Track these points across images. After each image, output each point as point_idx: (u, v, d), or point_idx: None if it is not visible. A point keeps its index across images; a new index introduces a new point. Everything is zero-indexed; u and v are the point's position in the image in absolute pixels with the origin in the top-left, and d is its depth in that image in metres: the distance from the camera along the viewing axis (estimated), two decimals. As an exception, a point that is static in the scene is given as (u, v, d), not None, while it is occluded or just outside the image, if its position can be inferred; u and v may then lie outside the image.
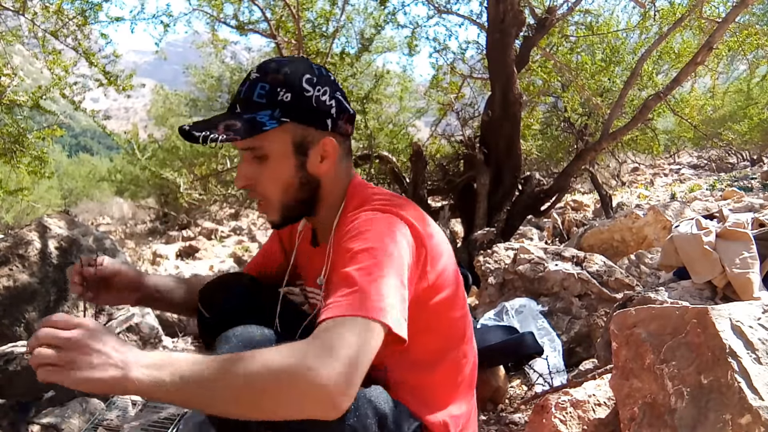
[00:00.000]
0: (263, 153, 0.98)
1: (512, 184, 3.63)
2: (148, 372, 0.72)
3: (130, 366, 0.72)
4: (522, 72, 3.92)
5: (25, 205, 9.19)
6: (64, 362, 0.71)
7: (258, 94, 0.96)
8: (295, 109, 0.96)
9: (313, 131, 0.99)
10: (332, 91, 1.00)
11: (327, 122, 0.98)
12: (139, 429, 1.67)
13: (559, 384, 1.63)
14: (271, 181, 1.00)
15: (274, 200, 1.02)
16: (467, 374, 1.06)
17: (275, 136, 0.96)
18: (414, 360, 0.99)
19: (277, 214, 1.03)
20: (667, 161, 16.12)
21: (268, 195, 1.01)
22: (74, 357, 0.72)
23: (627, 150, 8.77)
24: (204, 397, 0.73)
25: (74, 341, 0.72)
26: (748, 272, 1.57)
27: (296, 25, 3.39)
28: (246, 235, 9.24)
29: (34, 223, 2.88)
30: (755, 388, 0.81)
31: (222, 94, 10.01)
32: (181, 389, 0.72)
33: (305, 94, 0.96)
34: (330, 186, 1.05)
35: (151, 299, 1.21)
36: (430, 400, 1.00)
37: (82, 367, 0.71)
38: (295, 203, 1.03)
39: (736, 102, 11.40)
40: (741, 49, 3.80)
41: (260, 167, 0.99)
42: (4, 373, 2.03)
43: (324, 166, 1.01)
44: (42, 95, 3.24)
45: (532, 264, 2.28)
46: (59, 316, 0.76)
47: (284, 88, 0.96)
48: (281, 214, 1.03)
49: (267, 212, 1.04)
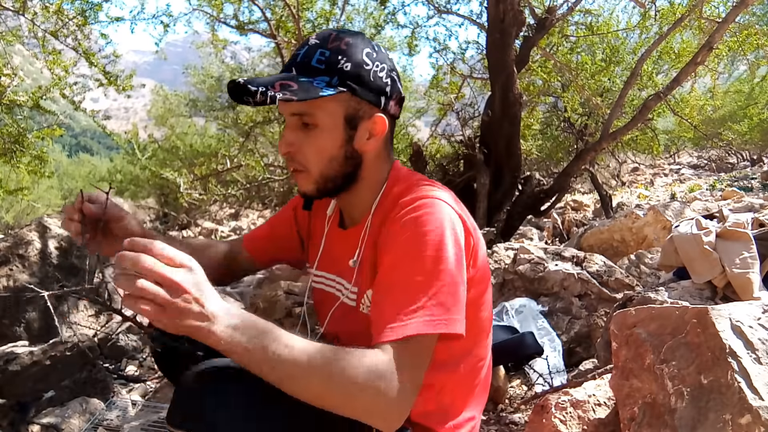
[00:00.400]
0: (313, 121, 0.93)
1: (512, 184, 3.63)
2: (231, 332, 0.73)
3: (218, 320, 0.72)
4: (522, 72, 3.92)
5: (25, 205, 9.20)
6: (165, 303, 0.69)
7: (317, 59, 0.92)
8: (353, 80, 0.92)
9: (366, 106, 0.95)
10: (389, 69, 0.97)
11: (381, 99, 0.95)
12: (139, 429, 1.67)
13: (559, 384, 1.63)
14: (315, 150, 0.95)
15: (314, 171, 0.96)
16: (483, 377, 1.05)
17: (328, 104, 0.92)
18: (435, 360, 0.98)
19: (313, 186, 0.98)
20: (667, 161, 16.12)
21: (308, 165, 0.96)
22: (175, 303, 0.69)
23: (627, 150, 8.76)
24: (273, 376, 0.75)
25: (178, 286, 0.70)
26: (748, 272, 1.57)
27: (296, 25, 3.39)
28: (246, 235, 9.23)
29: (34, 223, 2.88)
30: (755, 388, 0.81)
31: (222, 94, 10.00)
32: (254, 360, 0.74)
33: (365, 66, 0.93)
34: (372, 165, 1.00)
35: None
36: (447, 402, 0.99)
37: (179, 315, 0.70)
38: (334, 177, 0.97)
39: (736, 102, 11.40)
40: (741, 50, 3.80)
41: (306, 135, 0.94)
42: (4, 373, 2.03)
43: (371, 143, 0.97)
44: (42, 95, 3.24)
45: (532, 264, 2.28)
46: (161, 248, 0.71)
47: (345, 57, 0.92)
48: (317, 186, 0.98)
49: (302, 182, 0.98)
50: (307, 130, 0.94)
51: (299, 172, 0.98)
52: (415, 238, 0.86)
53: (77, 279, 2.78)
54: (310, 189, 0.99)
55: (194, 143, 9.08)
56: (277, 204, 6.03)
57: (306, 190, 0.99)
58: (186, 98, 10.95)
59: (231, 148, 7.49)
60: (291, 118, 0.95)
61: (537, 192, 3.80)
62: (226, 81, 9.98)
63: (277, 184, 5.10)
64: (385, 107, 0.97)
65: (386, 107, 0.97)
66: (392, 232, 0.89)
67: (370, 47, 0.95)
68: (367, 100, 0.94)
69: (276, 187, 5.42)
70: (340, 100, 0.93)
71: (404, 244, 0.86)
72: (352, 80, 0.92)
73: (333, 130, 0.94)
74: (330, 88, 0.90)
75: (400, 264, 0.85)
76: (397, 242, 0.87)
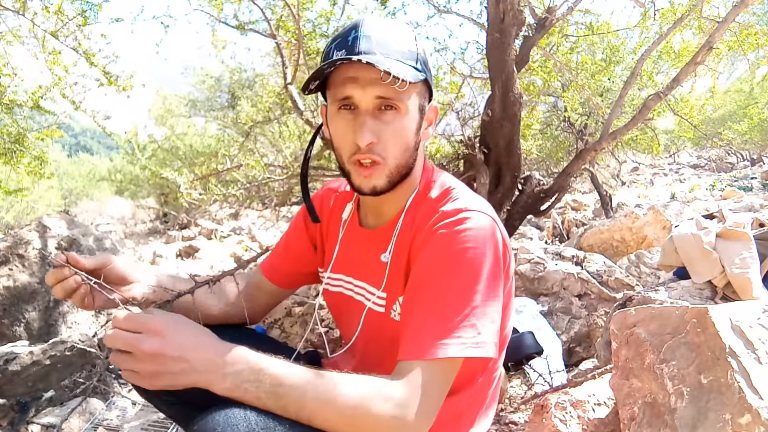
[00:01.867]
0: (401, 106, 0.86)
1: (512, 184, 3.62)
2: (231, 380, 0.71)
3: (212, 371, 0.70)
4: (522, 72, 3.91)
5: (25, 205, 9.19)
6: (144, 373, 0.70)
7: (396, 40, 0.84)
8: (425, 67, 0.88)
9: (428, 94, 0.91)
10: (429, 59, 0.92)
11: (432, 88, 0.92)
12: (139, 429, 1.67)
13: (559, 384, 1.63)
14: (396, 139, 0.87)
15: (391, 162, 0.88)
16: (495, 386, 1.04)
17: (413, 90, 0.86)
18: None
19: (386, 179, 0.89)
20: (667, 161, 16.11)
21: (387, 155, 0.87)
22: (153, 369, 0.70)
23: (627, 150, 8.76)
24: (284, 411, 0.71)
25: (149, 354, 0.69)
26: (748, 272, 1.57)
27: (296, 24, 3.38)
28: (246, 235, 9.24)
29: (34, 223, 2.88)
30: (755, 387, 0.81)
31: (221, 94, 10.00)
32: (262, 399, 0.71)
33: (426, 54, 0.89)
34: (420, 155, 0.96)
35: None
36: (463, 412, 0.98)
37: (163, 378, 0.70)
38: (404, 168, 0.91)
39: (736, 102, 11.40)
40: (741, 49, 3.79)
41: (385, 123, 0.86)
42: (4, 373, 2.03)
43: (427, 133, 0.93)
44: (42, 95, 3.24)
45: (532, 264, 2.28)
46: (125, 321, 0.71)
47: (416, 42, 0.87)
48: (390, 179, 0.90)
49: (374, 175, 0.89)
50: (386, 118, 0.86)
51: (374, 165, 0.88)
52: (454, 254, 0.82)
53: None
54: (381, 183, 0.90)
55: (194, 143, 9.08)
56: (277, 204, 6.04)
57: (377, 183, 0.90)
58: (185, 99, 10.94)
59: (231, 147, 7.48)
60: (372, 103, 0.85)
61: (537, 192, 3.79)
62: (225, 81, 10.04)
63: (277, 184, 5.09)
64: (431, 97, 0.93)
65: (431, 96, 0.94)
66: (431, 243, 0.85)
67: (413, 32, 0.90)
68: (429, 89, 0.91)
69: (276, 187, 5.42)
70: (419, 88, 0.88)
71: (442, 258, 0.82)
72: (425, 66, 0.88)
73: (413, 117, 0.88)
74: (421, 73, 0.85)
75: (436, 279, 0.82)
76: (436, 255, 0.83)
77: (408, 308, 0.85)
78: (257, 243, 8.31)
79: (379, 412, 0.72)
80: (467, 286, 0.80)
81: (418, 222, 0.92)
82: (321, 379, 0.74)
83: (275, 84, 6.40)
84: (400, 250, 0.94)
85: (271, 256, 1.19)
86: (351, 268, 1.05)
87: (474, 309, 0.79)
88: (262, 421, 0.69)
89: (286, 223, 9.40)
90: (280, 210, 6.86)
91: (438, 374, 0.78)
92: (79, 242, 2.87)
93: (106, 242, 3.06)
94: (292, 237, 1.17)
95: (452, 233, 0.83)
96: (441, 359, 0.77)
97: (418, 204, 0.95)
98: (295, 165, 4.10)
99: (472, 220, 0.84)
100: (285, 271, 1.17)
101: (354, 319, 1.02)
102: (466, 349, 0.78)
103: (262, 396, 0.71)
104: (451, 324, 0.78)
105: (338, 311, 1.10)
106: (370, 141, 0.86)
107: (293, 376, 0.73)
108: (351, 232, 1.06)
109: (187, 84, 10.98)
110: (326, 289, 1.10)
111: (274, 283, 1.16)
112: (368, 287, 1.00)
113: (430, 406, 0.76)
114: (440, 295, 0.81)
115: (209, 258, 7.17)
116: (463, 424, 0.98)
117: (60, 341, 2.24)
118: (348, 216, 1.07)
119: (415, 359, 0.78)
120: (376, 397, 0.73)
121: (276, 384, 0.71)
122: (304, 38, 3.65)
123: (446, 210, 0.87)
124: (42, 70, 3.21)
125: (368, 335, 1.01)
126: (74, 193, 13.86)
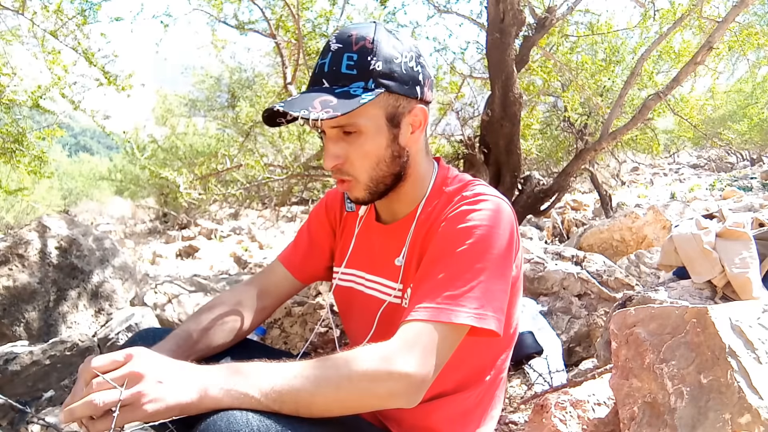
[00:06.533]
0: (356, 129, 0.89)
1: (512, 184, 3.63)
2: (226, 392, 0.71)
3: (204, 389, 0.71)
4: (522, 72, 3.91)
5: (25, 205, 9.19)
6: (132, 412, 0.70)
7: (346, 65, 0.87)
8: (387, 78, 0.88)
9: (404, 101, 0.91)
10: (416, 55, 0.92)
11: (416, 90, 0.91)
12: (139, 429, 1.67)
13: (559, 384, 1.63)
14: (362, 157, 0.91)
15: (362, 178, 0.93)
16: (501, 386, 1.04)
17: (369, 109, 0.88)
18: (463, 368, 0.95)
19: (365, 192, 0.95)
20: (667, 161, 16.12)
21: (357, 173, 0.93)
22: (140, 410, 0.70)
23: (627, 150, 8.76)
24: (288, 405, 0.72)
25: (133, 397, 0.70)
26: (748, 272, 1.57)
27: (296, 24, 3.38)
28: (246, 235, 9.24)
29: (34, 223, 2.88)
30: (755, 387, 0.81)
31: (221, 94, 10.00)
32: (262, 403, 0.71)
33: (395, 61, 0.89)
34: (417, 158, 0.98)
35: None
36: (471, 410, 0.98)
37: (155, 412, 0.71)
38: (384, 179, 0.94)
39: (736, 102, 11.40)
40: (741, 49, 3.79)
41: (350, 144, 0.91)
42: (4, 373, 2.03)
43: (415, 137, 0.95)
44: (41, 95, 3.24)
45: (531, 264, 2.28)
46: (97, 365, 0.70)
47: (374, 56, 0.87)
48: (369, 191, 0.95)
49: (351, 190, 0.96)
50: (350, 139, 0.91)
51: (346, 182, 0.94)
52: (467, 228, 0.85)
53: (77, 281, 2.78)
54: (362, 196, 0.96)
55: (194, 143, 9.08)
56: (277, 204, 6.04)
57: (358, 196, 0.96)
58: (185, 99, 10.95)
59: (231, 147, 7.48)
60: (331, 131, 0.91)
61: (537, 192, 3.79)
62: (225, 81, 10.04)
63: (277, 184, 5.09)
64: (421, 96, 0.93)
65: (422, 96, 0.93)
66: (449, 220, 0.88)
67: (393, 38, 0.90)
68: (405, 95, 0.91)
69: (276, 187, 5.42)
70: (379, 102, 0.89)
71: (457, 232, 0.85)
72: (387, 78, 0.88)
73: (377, 133, 0.91)
74: (368, 92, 0.86)
75: (448, 252, 0.84)
76: (451, 230, 0.86)
77: (418, 279, 0.87)
78: (257, 243, 8.32)
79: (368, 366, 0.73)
80: (477, 260, 0.82)
81: (435, 213, 0.95)
82: (313, 363, 0.75)
83: (275, 84, 6.40)
84: (416, 244, 0.96)
85: (292, 250, 1.19)
86: (365, 263, 1.07)
87: (480, 283, 0.81)
88: (263, 422, 0.69)
89: (286, 223, 9.40)
90: (280, 210, 6.86)
91: (435, 335, 0.78)
92: (79, 242, 2.87)
93: (106, 242, 3.06)
94: (313, 224, 1.18)
95: (469, 210, 0.87)
96: (442, 323, 0.78)
97: (434, 198, 0.98)
98: (295, 165, 4.10)
99: (490, 202, 0.88)
100: (306, 261, 1.17)
101: (363, 314, 1.03)
102: (468, 318, 0.79)
103: (262, 400, 0.71)
104: (456, 293, 0.80)
105: (346, 307, 1.11)
106: (333, 165, 0.92)
107: (283, 371, 0.74)
108: (367, 228, 1.08)
109: (187, 84, 10.99)
110: (337, 284, 1.11)
111: (293, 273, 1.16)
112: (383, 281, 1.01)
113: (423, 358, 0.76)
114: (449, 267, 0.82)
115: (209, 258, 7.18)
116: (471, 422, 0.98)
117: (60, 341, 2.24)
118: (364, 212, 1.10)
119: (413, 321, 0.79)
120: (363, 353, 0.75)
121: (269, 385, 0.72)
122: (304, 38, 3.65)
123: (466, 194, 0.92)
124: (41, 69, 3.20)
125: (383, 329, 1.01)
126: (74, 193, 13.86)
